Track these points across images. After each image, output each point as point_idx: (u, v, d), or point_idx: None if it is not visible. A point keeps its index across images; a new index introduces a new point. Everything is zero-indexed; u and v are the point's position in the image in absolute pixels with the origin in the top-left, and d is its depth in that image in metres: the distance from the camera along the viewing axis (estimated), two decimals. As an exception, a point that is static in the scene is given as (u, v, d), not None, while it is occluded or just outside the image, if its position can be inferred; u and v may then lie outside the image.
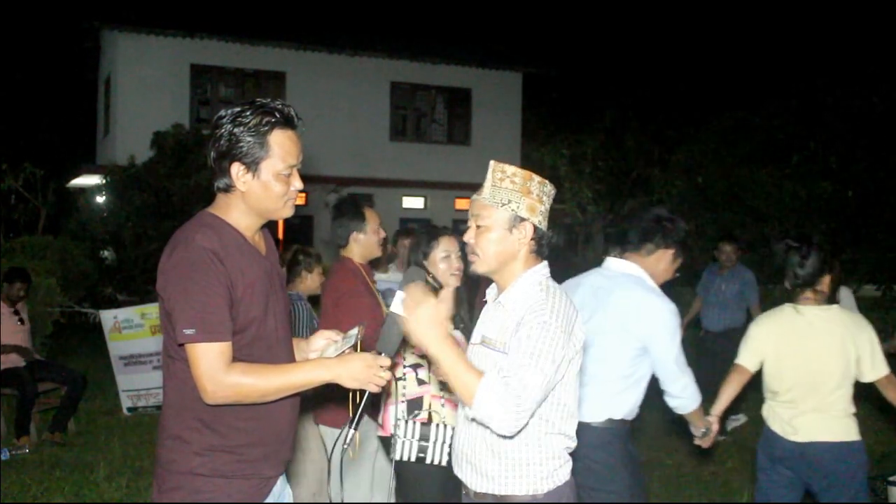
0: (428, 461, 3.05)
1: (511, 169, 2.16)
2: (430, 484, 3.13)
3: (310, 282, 4.23)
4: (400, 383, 3.12)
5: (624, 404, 2.99)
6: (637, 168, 17.99)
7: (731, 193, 11.92)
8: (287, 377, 1.97)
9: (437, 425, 3.08)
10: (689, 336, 6.87)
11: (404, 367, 3.14)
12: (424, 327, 1.95)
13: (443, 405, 3.12)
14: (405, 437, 3.06)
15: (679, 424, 3.81)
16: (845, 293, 6.26)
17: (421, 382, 3.15)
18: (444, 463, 3.05)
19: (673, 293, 3.60)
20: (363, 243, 3.71)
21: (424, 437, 3.06)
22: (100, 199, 14.23)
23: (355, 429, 2.07)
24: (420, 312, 1.95)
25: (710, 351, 6.50)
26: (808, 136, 11.88)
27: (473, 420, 2.08)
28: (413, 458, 3.06)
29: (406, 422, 3.07)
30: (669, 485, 5.33)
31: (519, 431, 2.01)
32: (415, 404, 3.11)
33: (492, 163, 2.19)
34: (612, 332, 2.96)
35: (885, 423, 6.15)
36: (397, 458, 3.04)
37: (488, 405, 1.93)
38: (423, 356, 2.97)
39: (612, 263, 3.13)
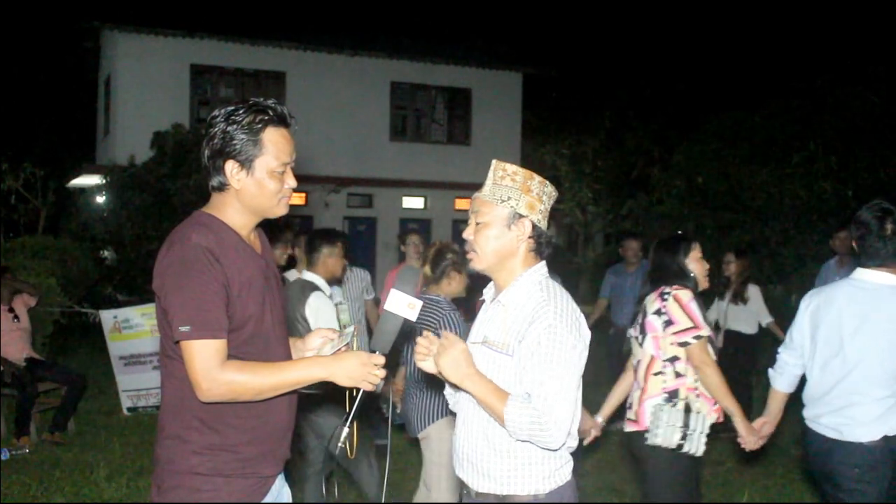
0: (685, 450, 3.14)
1: (512, 167, 2.18)
2: (680, 472, 3.20)
3: (456, 284, 3.78)
4: (659, 377, 3.24)
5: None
6: (637, 168, 18.00)
7: (731, 193, 11.91)
8: (282, 375, 1.97)
9: (697, 414, 3.18)
10: (597, 335, 7.04)
11: (662, 360, 3.25)
12: (454, 368, 2.06)
13: (697, 396, 3.24)
14: (668, 422, 3.13)
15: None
16: (754, 290, 6.59)
17: (678, 375, 3.25)
18: (699, 453, 3.17)
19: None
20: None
21: (686, 425, 3.14)
22: (100, 199, 14.24)
23: (350, 427, 2.07)
24: (449, 355, 2.06)
25: (620, 349, 6.58)
26: (808, 136, 11.86)
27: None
28: (673, 445, 3.14)
29: (667, 408, 3.16)
30: (669, 484, 5.32)
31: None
32: (672, 395, 3.22)
33: (494, 161, 2.21)
34: (885, 347, 2.88)
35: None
36: (658, 443, 3.14)
37: (521, 431, 2.01)
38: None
39: (869, 275, 2.99)
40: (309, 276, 4.07)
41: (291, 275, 5.20)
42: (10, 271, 6.84)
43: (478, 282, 2.46)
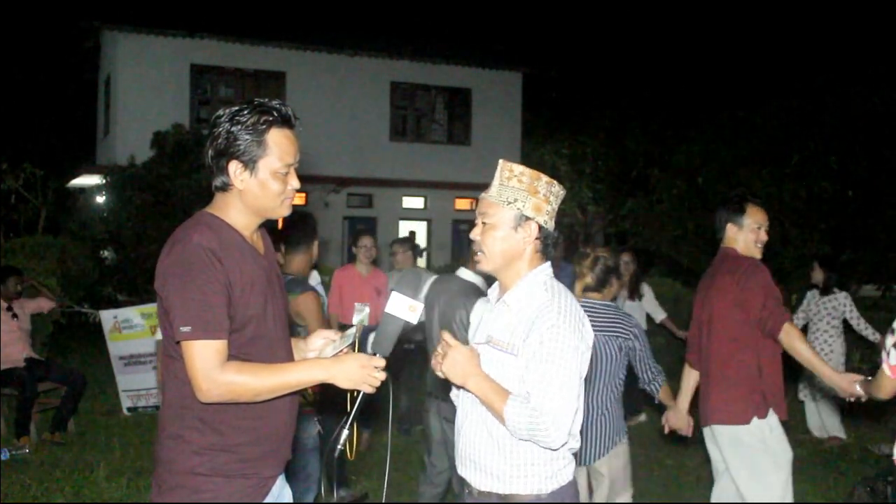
0: None
1: (519, 168, 2.17)
2: None
3: (615, 289, 3.75)
4: None
5: None
6: (637, 168, 17.99)
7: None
8: (282, 377, 1.97)
9: None
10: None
11: None
12: (459, 369, 2.11)
13: None
14: None
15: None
16: (647, 289, 6.95)
17: None
18: None
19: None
20: (741, 239, 3.42)
21: None
22: (100, 199, 14.23)
23: (349, 429, 2.07)
24: (453, 356, 2.11)
25: None
26: (808, 136, 11.86)
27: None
28: None
29: None
30: (669, 485, 5.33)
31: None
32: None
33: (500, 161, 2.21)
34: None
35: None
36: None
37: (520, 430, 2.02)
38: None
39: None
40: (469, 275, 3.65)
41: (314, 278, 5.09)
42: (20, 273, 6.82)
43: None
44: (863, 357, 7.09)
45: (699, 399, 3.57)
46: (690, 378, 3.65)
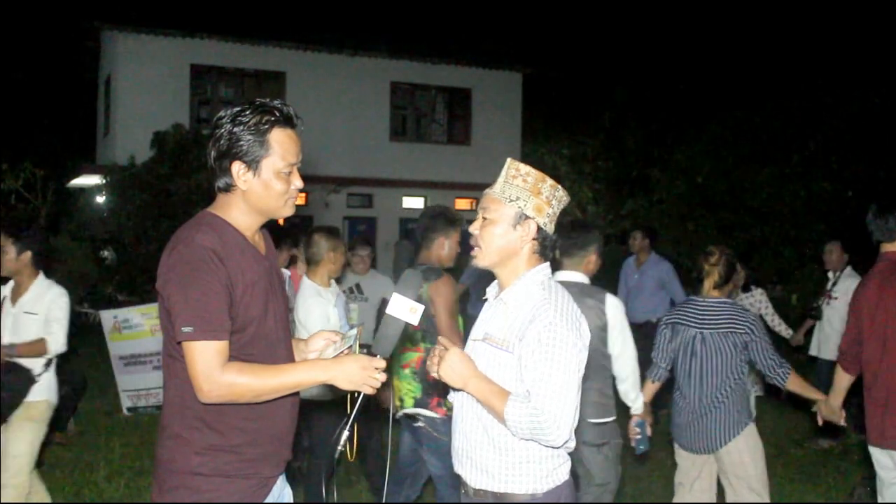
0: None
1: (525, 168, 2.19)
2: None
3: (733, 285, 3.82)
4: None
5: None
6: (637, 168, 17.99)
7: (731, 193, 11.91)
8: (282, 377, 1.97)
9: None
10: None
11: None
12: (457, 373, 2.11)
13: None
14: None
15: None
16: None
17: None
18: None
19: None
20: None
21: None
22: (100, 199, 14.24)
23: (350, 430, 2.07)
24: (450, 360, 2.11)
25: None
26: (808, 136, 11.87)
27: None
28: None
29: None
30: (669, 485, 5.32)
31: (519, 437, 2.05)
32: None
33: (509, 160, 2.23)
34: None
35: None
36: None
37: (522, 430, 2.03)
38: None
39: None
40: (574, 276, 3.55)
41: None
42: None
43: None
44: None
45: (869, 415, 3.44)
46: (844, 380, 3.55)
